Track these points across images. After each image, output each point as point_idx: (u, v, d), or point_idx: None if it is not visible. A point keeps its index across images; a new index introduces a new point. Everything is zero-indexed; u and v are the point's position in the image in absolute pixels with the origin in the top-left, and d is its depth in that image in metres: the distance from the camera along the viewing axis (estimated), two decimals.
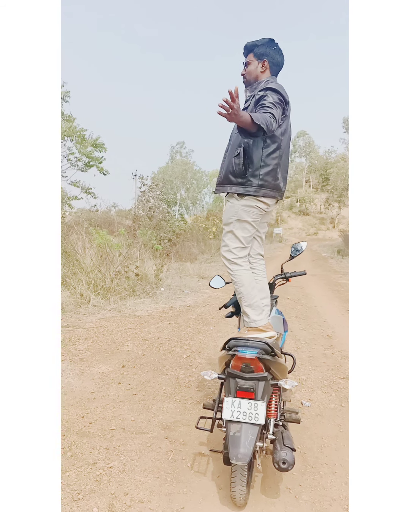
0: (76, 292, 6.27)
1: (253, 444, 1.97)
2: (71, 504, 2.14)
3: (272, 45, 2.45)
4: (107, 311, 6.04)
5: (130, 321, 5.67)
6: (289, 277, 3.12)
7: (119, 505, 2.16)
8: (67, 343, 4.66)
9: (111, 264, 7.00)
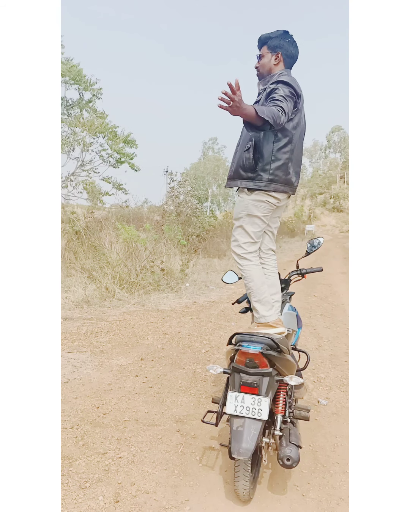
0: (102, 286, 6.38)
1: (255, 439, 1.96)
2: (78, 491, 2.19)
3: (286, 37, 2.40)
4: (131, 305, 6.12)
5: (153, 315, 5.73)
6: (305, 273, 3.07)
7: (124, 495, 2.20)
8: (89, 335, 4.75)
9: (137, 259, 7.08)
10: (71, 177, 13.54)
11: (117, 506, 2.11)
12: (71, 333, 4.79)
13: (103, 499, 2.15)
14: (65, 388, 3.38)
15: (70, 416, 2.95)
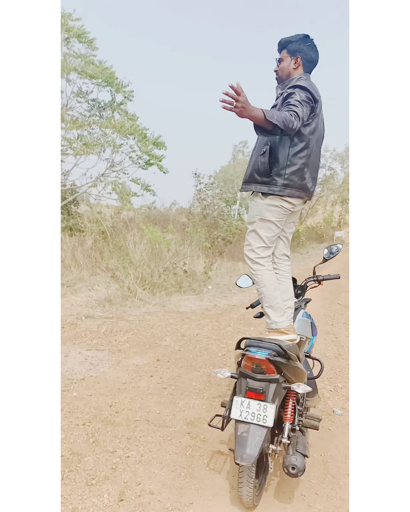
0: (124, 286, 6.45)
1: (259, 445, 1.95)
2: (84, 488, 2.22)
3: (306, 41, 2.39)
4: (152, 305, 6.16)
5: (173, 316, 5.75)
6: (321, 280, 3.04)
7: (129, 494, 2.21)
8: (109, 334, 4.81)
9: (160, 260, 7.13)
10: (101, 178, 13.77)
11: (121, 505, 2.13)
12: (91, 331, 4.86)
13: (108, 497, 2.17)
14: (81, 385, 3.44)
15: (83, 413, 2.99)
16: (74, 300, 6.13)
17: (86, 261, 8.17)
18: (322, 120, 2.46)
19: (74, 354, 4.08)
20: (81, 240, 9.07)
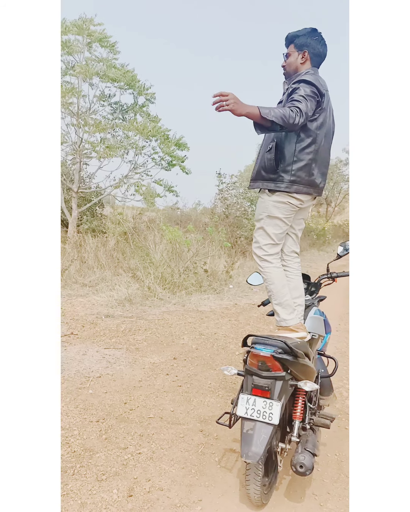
0: (145, 285, 6.50)
1: (265, 443, 1.93)
2: (94, 483, 2.25)
3: (313, 35, 2.35)
4: (172, 304, 6.19)
5: (192, 315, 5.77)
6: (335, 277, 2.99)
7: (138, 490, 2.23)
8: (127, 333, 4.86)
9: (181, 260, 7.16)
10: (124, 180, 13.93)
11: (130, 500, 2.14)
12: (110, 330, 4.92)
13: (117, 493, 2.19)
14: (97, 383, 3.48)
15: (98, 410, 3.03)
16: (95, 300, 6.22)
17: (109, 261, 8.28)
18: (332, 114, 2.42)
19: (92, 352, 4.14)
20: (104, 241, 9.19)
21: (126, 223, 8.44)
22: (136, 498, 2.17)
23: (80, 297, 6.42)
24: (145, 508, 2.10)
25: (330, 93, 2.35)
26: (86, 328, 4.94)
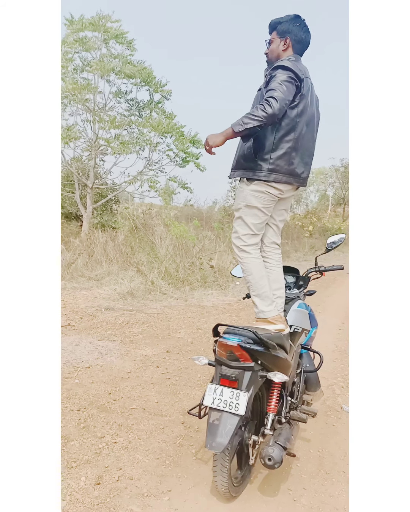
0: (148, 280, 6.49)
1: (230, 434, 1.88)
2: (63, 470, 2.23)
3: (295, 22, 2.28)
4: (174, 299, 6.17)
5: (193, 310, 5.73)
6: (324, 271, 2.92)
7: (107, 478, 2.20)
8: (124, 326, 4.85)
9: (186, 255, 7.13)
10: (138, 176, 13.98)
11: (96, 488, 2.12)
12: (108, 322, 4.92)
13: (85, 480, 2.17)
14: (85, 373, 3.47)
15: (81, 400, 3.02)
16: (98, 293, 6.24)
17: (117, 256, 8.31)
18: (315, 103, 2.35)
19: (85, 343, 4.14)
20: (113, 235, 9.23)
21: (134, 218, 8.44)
22: (104, 486, 2.15)
23: (84, 290, 6.45)
24: (111, 496, 2.08)
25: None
26: (84, 320, 4.96)
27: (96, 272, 7.58)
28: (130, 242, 8.63)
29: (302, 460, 2.55)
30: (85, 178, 14.07)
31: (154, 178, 14.16)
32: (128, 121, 14.06)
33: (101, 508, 2.00)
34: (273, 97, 2.03)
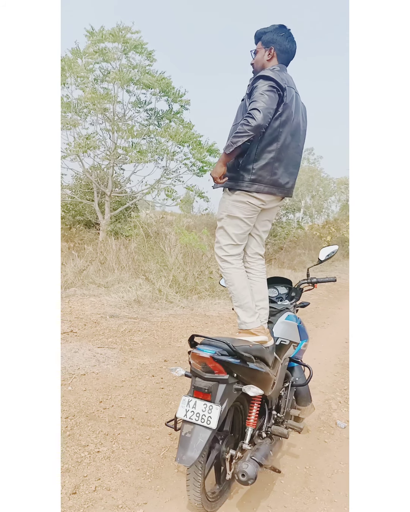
0: (155, 288, 6.51)
1: (201, 447, 1.85)
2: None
3: (280, 32, 2.28)
4: (180, 308, 6.16)
5: (197, 319, 5.71)
6: (315, 282, 2.88)
7: (84, 488, 2.19)
8: (126, 333, 4.86)
9: (196, 264, 7.13)
10: (155, 185, 14.10)
11: (72, 498, 2.11)
12: (110, 330, 4.95)
13: (61, 489, 2.16)
14: (79, 380, 3.49)
15: (70, 407, 3.03)
16: (106, 300, 6.28)
17: (129, 263, 8.36)
18: (301, 113, 2.33)
19: (84, 350, 4.16)
20: (126, 243, 9.31)
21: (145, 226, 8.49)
22: (79, 496, 2.14)
23: (93, 297, 6.51)
24: (85, 507, 2.07)
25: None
26: (87, 327, 4.99)
27: (107, 279, 7.63)
28: (142, 250, 8.69)
29: (287, 476, 2.49)
30: (104, 186, 14.28)
31: (171, 187, 14.33)
32: (147, 130, 14.24)
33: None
34: (255, 108, 2.03)
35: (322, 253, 2.93)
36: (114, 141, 13.93)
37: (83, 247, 9.51)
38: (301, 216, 36.24)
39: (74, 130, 13.65)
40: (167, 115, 14.61)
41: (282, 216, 18.45)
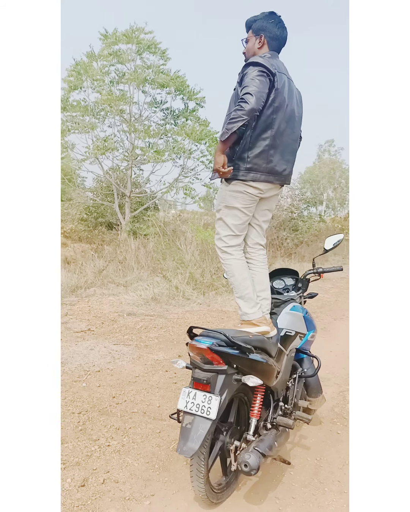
0: (172, 285, 6.54)
1: (202, 438, 1.86)
2: None
3: (269, 19, 2.25)
4: (196, 304, 6.18)
5: (213, 315, 5.72)
6: (322, 272, 2.85)
7: (92, 480, 2.23)
8: (142, 330, 4.91)
9: (212, 261, 7.13)
10: (174, 184, 14.19)
11: (80, 490, 2.15)
12: (127, 327, 5.00)
13: (70, 482, 2.21)
14: (94, 377, 3.54)
15: (84, 403, 3.08)
16: (124, 299, 6.35)
17: (148, 262, 8.43)
18: (296, 99, 2.31)
19: (100, 348, 4.22)
20: (145, 242, 9.39)
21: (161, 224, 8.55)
22: (88, 488, 2.18)
23: (111, 296, 6.59)
24: (92, 499, 2.10)
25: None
26: (104, 325, 5.06)
27: (126, 278, 7.72)
28: (160, 248, 8.75)
29: (297, 468, 2.48)
30: (123, 187, 14.45)
31: (190, 185, 14.39)
32: (163, 130, 14.31)
33: (81, 510, 2.03)
34: (248, 92, 2.01)
35: (327, 242, 2.89)
36: (132, 142, 14.06)
37: (103, 248, 9.64)
38: (323, 209, 35.82)
39: (92, 133, 13.88)
40: (183, 114, 14.66)
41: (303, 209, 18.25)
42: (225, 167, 2.10)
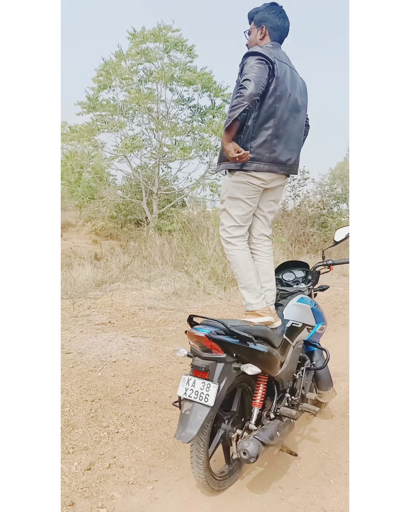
0: (194, 280, 6.58)
1: (200, 424, 1.88)
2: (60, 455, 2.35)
3: (270, 10, 2.25)
4: (217, 299, 6.19)
5: (233, 309, 5.72)
6: (331, 264, 2.81)
7: (98, 465, 2.29)
8: (161, 324, 4.97)
9: None
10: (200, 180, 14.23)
11: (85, 474, 2.21)
12: (146, 321, 5.07)
13: (77, 465, 2.27)
14: (110, 367, 3.62)
15: (98, 391, 3.15)
16: (146, 293, 6.43)
17: (173, 257, 8.51)
18: (299, 88, 2.29)
19: (118, 339, 4.30)
20: (169, 238, 9.48)
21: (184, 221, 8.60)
22: (93, 472, 2.24)
23: (134, 291, 6.69)
24: (97, 482, 2.16)
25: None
26: (125, 318, 5.14)
27: (150, 273, 7.81)
28: (184, 244, 8.81)
29: (304, 459, 2.47)
30: (151, 185, 14.60)
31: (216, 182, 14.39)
32: (190, 127, 14.37)
33: (84, 492, 2.09)
34: (247, 79, 2.01)
35: (337, 234, 2.85)
36: (159, 140, 14.18)
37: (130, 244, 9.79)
38: None
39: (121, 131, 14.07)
40: (210, 111, 14.66)
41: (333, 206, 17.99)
42: (239, 151, 2.07)
